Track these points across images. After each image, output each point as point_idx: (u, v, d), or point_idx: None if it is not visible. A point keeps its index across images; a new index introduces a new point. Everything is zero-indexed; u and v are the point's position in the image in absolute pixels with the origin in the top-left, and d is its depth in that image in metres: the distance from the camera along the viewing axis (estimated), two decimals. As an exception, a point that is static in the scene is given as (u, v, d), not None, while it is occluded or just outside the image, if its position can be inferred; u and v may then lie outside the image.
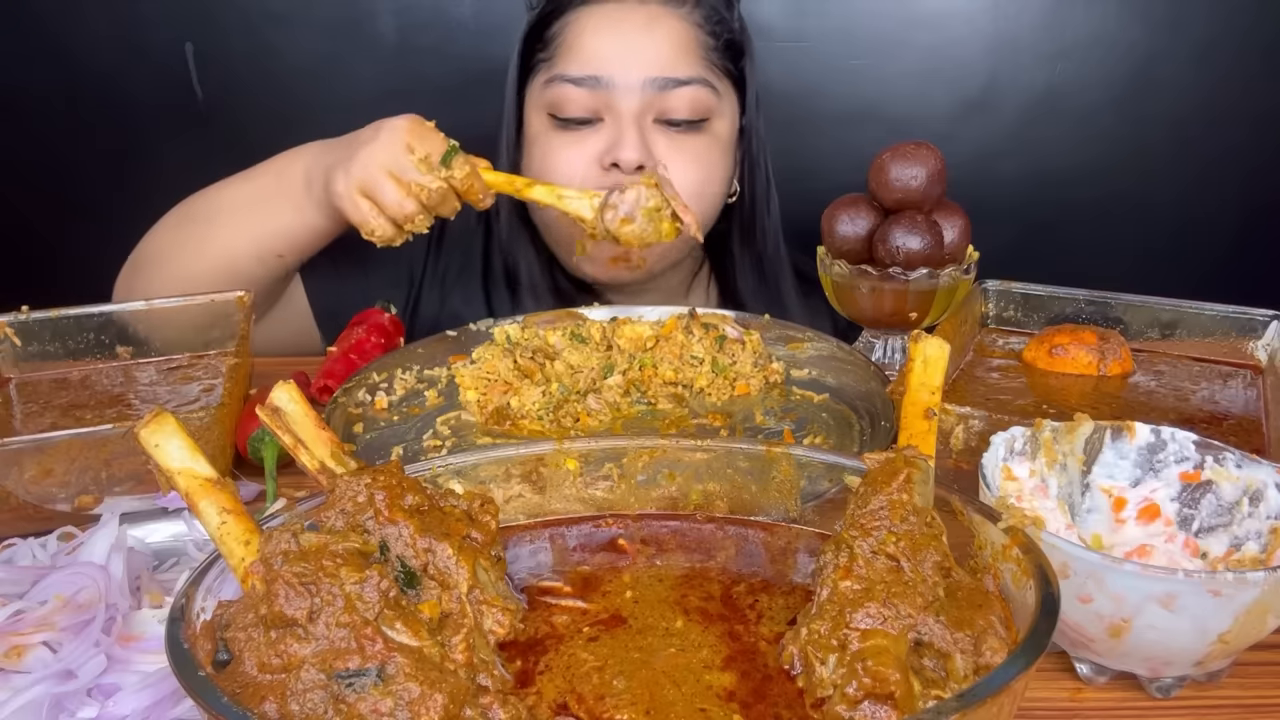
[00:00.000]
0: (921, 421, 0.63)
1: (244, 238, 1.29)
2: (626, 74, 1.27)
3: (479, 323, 1.22)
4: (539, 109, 1.34)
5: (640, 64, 1.28)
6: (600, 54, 1.29)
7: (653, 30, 1.29)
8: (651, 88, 1.27)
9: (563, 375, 1.05)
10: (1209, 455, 0.76)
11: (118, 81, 2.01)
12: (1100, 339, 1.05)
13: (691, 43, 1.30)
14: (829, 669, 0.53)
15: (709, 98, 1.31)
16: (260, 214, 1.28)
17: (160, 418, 0.56)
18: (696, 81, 1.29)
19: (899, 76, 2.05)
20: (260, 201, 1.29)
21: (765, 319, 1.21)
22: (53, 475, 0.88)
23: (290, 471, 0.95)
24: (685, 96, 1.29)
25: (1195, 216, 2.14)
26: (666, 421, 1.03)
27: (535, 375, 1.05)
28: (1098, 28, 2.02)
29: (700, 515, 0.70)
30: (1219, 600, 0.62)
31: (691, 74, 1.29)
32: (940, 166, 1.13)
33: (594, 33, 1.30)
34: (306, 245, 1.31)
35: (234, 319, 1.15)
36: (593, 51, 1.29)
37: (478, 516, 0.61)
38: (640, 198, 1.11)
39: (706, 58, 1.32)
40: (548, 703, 0.54)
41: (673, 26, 1.30)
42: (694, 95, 1.29)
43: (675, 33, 1.30)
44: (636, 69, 1.27)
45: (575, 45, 1.30)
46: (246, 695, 0.49)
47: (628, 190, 1.11)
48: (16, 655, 0.66)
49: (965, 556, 0.59)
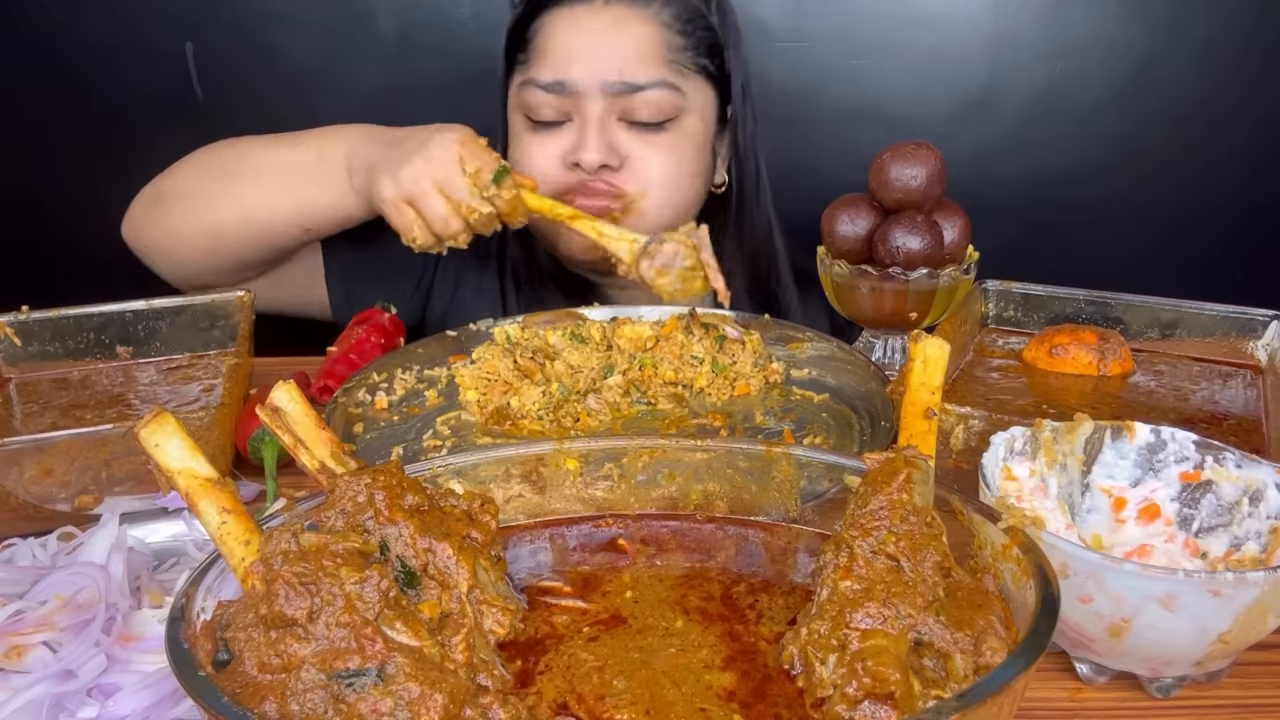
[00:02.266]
0: (921, 421, 0.62)
1: (275, 203, 1.31)
2: (589, 78, 1.29)
3: (479, 322, 1.22)
4: (517, 109, 1.37)
5: (602, 68, 1.29)
6: (565, 58, 1.31)
7: (617, 33, 1.30)
8: (612, 91, 1.29)
9: (563, 375, 1.05)
10: (1209, 455, 0.76)
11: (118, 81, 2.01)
12: (1100, 339, 1.05)
13: (657, 44, 1.31)
14: (829, 669, 0.53)
15: (672, 99, 1.32)
16: (295, 186, 1.30)
17: (160, 418, 0.56)
18: (657, 85, 1.30)
19: (899, 76, 2.05)
20: (297, 174, 1.30)
21: (765, 318, 1.21)
22: (53, 475, 0.88)
23: (290, 471, 0.95)
24: (647, 100, 1.30)
25: (1195, 216, 2.14)
26: (666, 421, 1.02)
27: (535, 375, 1.05)
28: (1098, 27, 2.02)
29: (700, 515, 0.70)
30: (1219, 600, 0.62)
31: (651, 78, 1.30)
32: (940, 166, 1.13)
33: (562, 35, 1.32)
34: (335, 225, 1.34)
35: (234, 319, 1.15)
36: (559, 56, 1.31)
37: (478, 516, 0.61)
38: (678, 256, 1.14)
39: (672, 58, 1.33)
40: (548, 703, 0.54)
41: (636, 30, 1.31)
42: (656, 98, 1.30)
43: (639, 35, 1.31)
44: (598, 72, 1.29)
45: (546, 49, 1.32)
46: (246, 695, 0.49)
47: (666, 243, 1.14)
48: (16, 655, 0.66)
49: (965, 556, 0.59)
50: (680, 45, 1.33)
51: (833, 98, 2.02)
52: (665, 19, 1.32)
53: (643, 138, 1.32)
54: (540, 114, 1.32)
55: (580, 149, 1.30)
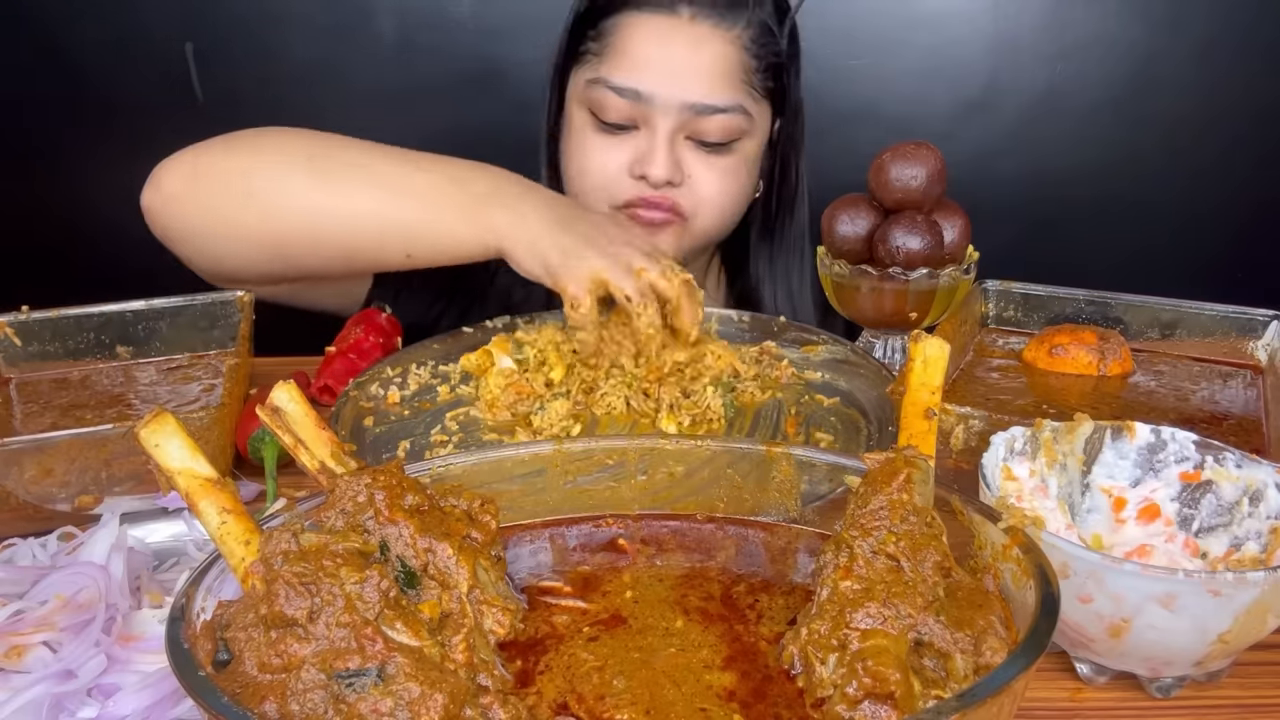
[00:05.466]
0: (921, 421, 0.62)
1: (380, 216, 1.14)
2: (667, 93, 1.27)
3: (495, 320, 1.22)
4: (580, 103, 1.34)
5: (681, 85, 1.28)
6: (644, 65, 1.29)
7: (699, 52, 1.29)
8: (689, 111, 1.28)
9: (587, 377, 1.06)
10: (1209, 455, 0.76)
11: (118, 81, 2.02)
12: (1100, 339, 1.05)
13: (735, 67, 1.30)
14: (829, 669, 0.53)
15: (742, 123, 1.31)
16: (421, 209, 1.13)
17: (160, 418, 0.56)
18: (733, 109, 1.30)
19: (899, 76, 2.05)
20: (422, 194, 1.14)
21: (781, 320, 1.21)
22: (53, 475, 0.88)
23: (290, 471, 0.95)
24: (719, 122, 1.29)
25: (1195, 216, 2.14)
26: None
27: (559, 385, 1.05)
28: (1098, 28, 2.02)
29: (700, 515, 0.70)
30: (1219, 600, 0.62)
31: (729, 101, 1.29)
32: (940, 166, 1.13)
33: (642, 42, 1.29)
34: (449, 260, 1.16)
35: (234, 319, 1.15)
36: (638, 62, 1.29)
37: (478, 516, 0.61)
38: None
39: (747, 80, 1.32)
40: (548, 703, 0.54)
41: (718, 50, 1.29)
42: (728, 122, 1.30)
43: (720, 57, 1.29)
44: (677, 89, 1.27)
45: (622, 50, 1.30)
46: (246, 695, 0.49)
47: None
48: (16, 655, 0.66)
49: (965, 556, 0.59)
50: (753, 68, 1.32)
51: (833, 98, 2.02)
52: (744, 41, 1.31)
53: (704, 157, 1.32)
54: (607, 115, 1.30)
55: (649, 163, 1.28)
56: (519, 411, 1.03)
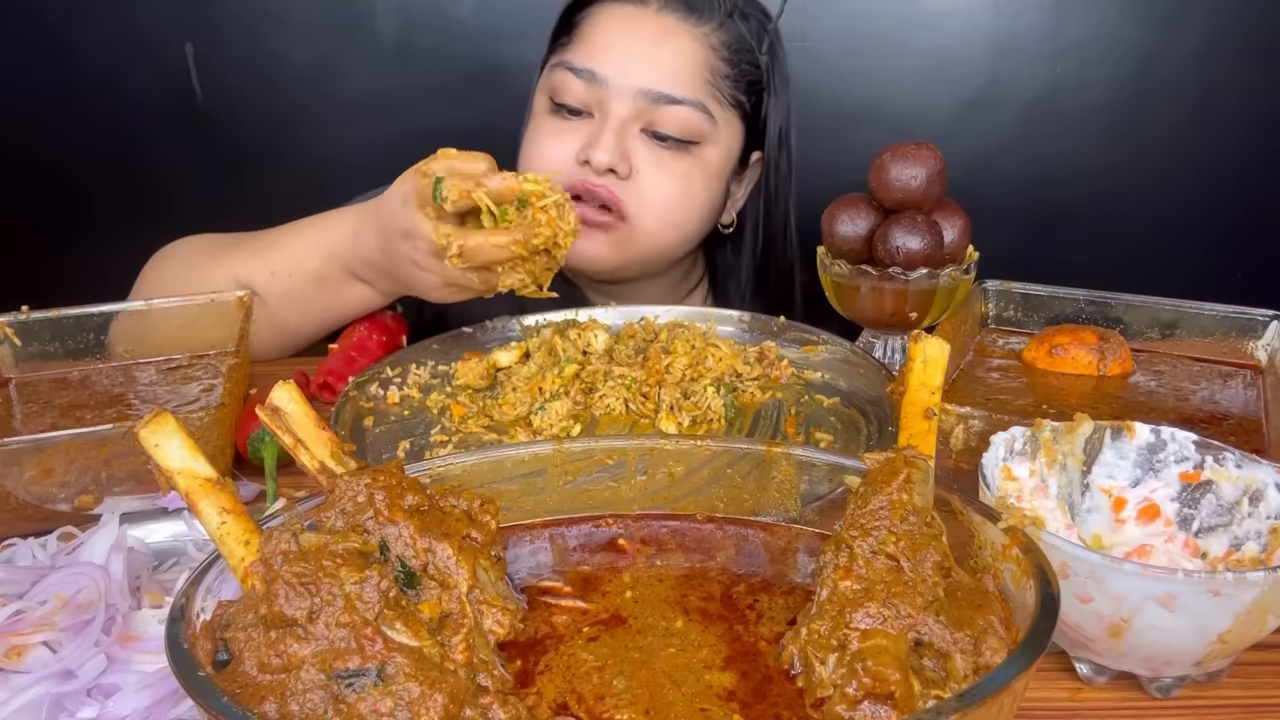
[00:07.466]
0: (921, 421, 0.62)
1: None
2: (623, 78, 1.27)
3: (495, 319, 1.22)
4: (544, 90, 1.34)
5: (639, 72, 1.27)
6: (604, 50, 1.29)
7: (661, 42, 1.29)
8: (644, 99, 1.27)
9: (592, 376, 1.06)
10: (1209, 455, 0.76)
11: (118, 82, 2.02)
12: (1100, 339, 1.05)
13: (699, 64, 1.29)
14: (829, 669, 0.53)
15: (701, 122, 1.29)
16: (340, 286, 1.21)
17: (160, 418, 0.56)
18: (691, 103, 1.28)
19: (900, 76, 2.05)
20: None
21: (781, 320, 1.21)
22: (53, 475, 0.88)
23: (290, 471, 0.95)
24: (676, 115, 1.27)
25: (1195, 216, 2.14)
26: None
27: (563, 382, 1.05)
28: (1098, 28, 2.02)
29: (700, 515, 0.70)
30: (1219, 600, 0.62)
31: (688, 94, 1.28)
32: (940, 166, 1.13)
33: (605, 29, 1.30)
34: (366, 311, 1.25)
35: (234, 319, 1.15)
36: (598, 46, 1.29)
37: (478, 516, 0.61)
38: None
39: (713, 83, 1.31)
40: (548, 703, 0.54)
41: (683, 44, 1.29)
42: (685, 116, 1.28)
43: (684, 50, 1.29)
44: (634, 76, 1.27)
45: (587, 36, 1.31)
46: (246, 695, 0.49)
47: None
48: (16, 655, 0.66)
49: (965, 556, 0.59)
50: (723, 73, 1.31)
51: (833, 98, 2.02)
52: (714, 42, 1.31)
53: (658, 155, 1.28)
54: (563, 97, 1.29)
55: (593, 147, 1.26)
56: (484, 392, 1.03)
